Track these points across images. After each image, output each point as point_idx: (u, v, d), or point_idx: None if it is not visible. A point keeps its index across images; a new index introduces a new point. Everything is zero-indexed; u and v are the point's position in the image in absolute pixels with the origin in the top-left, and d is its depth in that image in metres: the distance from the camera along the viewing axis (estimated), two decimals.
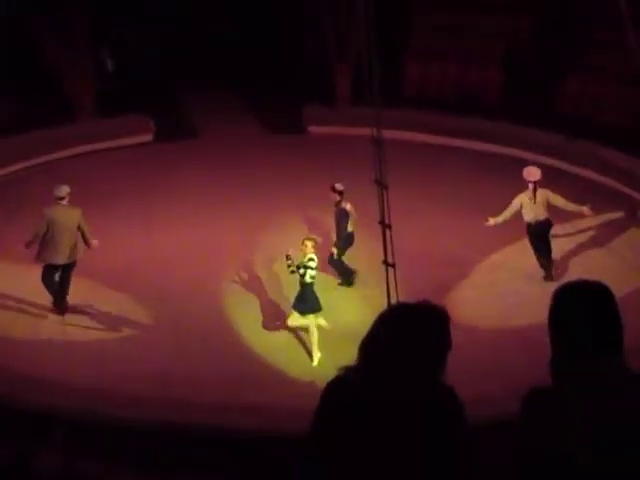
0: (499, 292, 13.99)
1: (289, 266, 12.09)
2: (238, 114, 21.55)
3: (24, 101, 20.26)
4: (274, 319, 13.08)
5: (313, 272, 11.92)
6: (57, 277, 13.32)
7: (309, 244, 11.97)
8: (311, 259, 11.87)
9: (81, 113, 20.62)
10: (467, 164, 18.57)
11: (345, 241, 13.92)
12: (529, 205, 13.90)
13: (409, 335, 3.77)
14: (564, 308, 3.50)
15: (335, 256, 13.78)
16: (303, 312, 12.07)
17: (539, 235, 14.09)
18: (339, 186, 13.81)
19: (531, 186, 13.85)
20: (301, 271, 11.92)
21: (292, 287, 12.67)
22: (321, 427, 3.84)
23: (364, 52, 10.28)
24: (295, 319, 12.23)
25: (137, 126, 20.54)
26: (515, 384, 10.66)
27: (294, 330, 12.58)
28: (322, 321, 12.21)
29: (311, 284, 11.98)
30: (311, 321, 12.08)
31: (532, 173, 13.97)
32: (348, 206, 13.79)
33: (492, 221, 14.01)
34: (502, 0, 21.39)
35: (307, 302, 12.04)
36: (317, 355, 12.03)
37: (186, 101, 22.15)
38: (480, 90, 21.29)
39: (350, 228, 13.85)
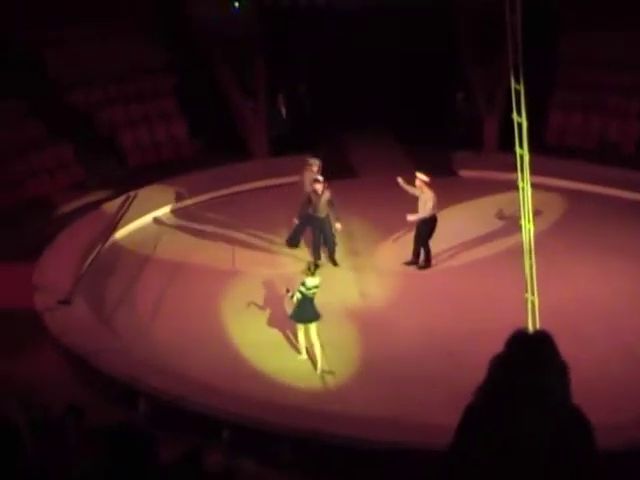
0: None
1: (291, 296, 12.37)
2: (397, 159, 21.46)
3: (212, 141, 20.90)
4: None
5: (302, 292, 12.14)
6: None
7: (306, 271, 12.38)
8: (302, 283, 12.22)
9: (257, 153, 20.98)
10: (604, 209, 18.02)
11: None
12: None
13: (544, 359, 3.55)
14: None
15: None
16: (299, 320, 12.38)
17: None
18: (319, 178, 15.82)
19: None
20: (290, 293, 12.34)
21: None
22: (460, 457, 3.63)
23: (513, 104, 10.02)
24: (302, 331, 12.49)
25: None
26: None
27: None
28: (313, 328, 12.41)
29: (302, 300, 12.18)
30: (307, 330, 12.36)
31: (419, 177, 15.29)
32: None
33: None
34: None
35: (302, 313, 12.30)
36: (319, 363, 12.30)
37: (349, 145, 22.23)
38: (618, 141, 20.62)
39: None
